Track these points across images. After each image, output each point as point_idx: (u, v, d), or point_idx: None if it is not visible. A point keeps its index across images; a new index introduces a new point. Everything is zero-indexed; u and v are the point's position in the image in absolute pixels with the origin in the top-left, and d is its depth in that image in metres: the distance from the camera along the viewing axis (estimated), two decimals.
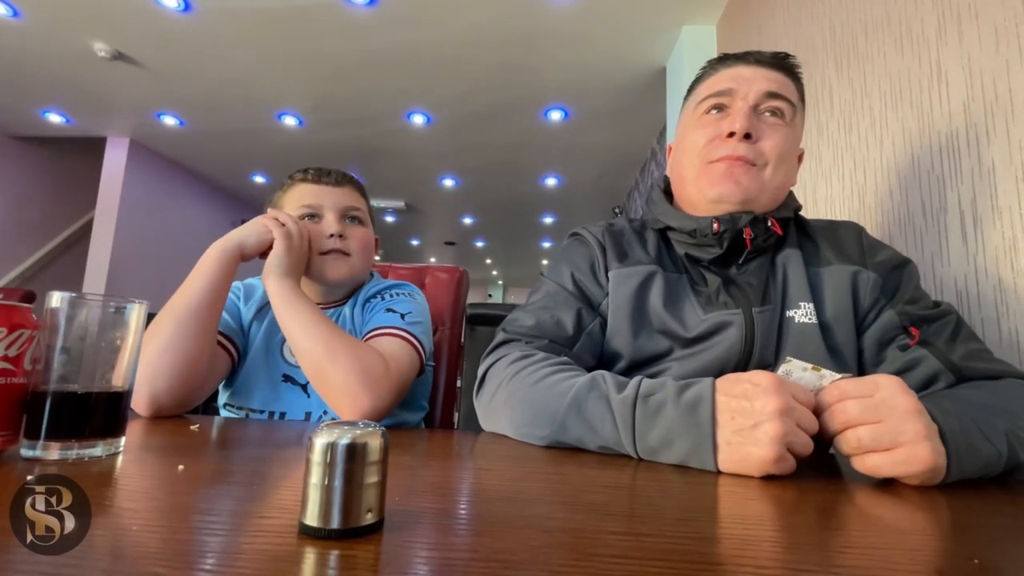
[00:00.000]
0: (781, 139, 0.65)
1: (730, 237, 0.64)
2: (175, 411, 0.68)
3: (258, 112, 3.51)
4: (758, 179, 0.65)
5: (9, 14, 2.51)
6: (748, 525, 0.31)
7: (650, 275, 0.67)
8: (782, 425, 0.42)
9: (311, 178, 0.85)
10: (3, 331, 0.38)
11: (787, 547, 0.28)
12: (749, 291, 0.65)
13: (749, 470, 0.43)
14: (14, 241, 4.07)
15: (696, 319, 0.64)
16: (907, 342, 0.60)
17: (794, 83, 0.70)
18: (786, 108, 0.67)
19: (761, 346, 0.62)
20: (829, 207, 1.33)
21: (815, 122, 1.43)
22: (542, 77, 2.91)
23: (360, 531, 0.26)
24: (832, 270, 0.66)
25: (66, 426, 0.40)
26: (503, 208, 5.56)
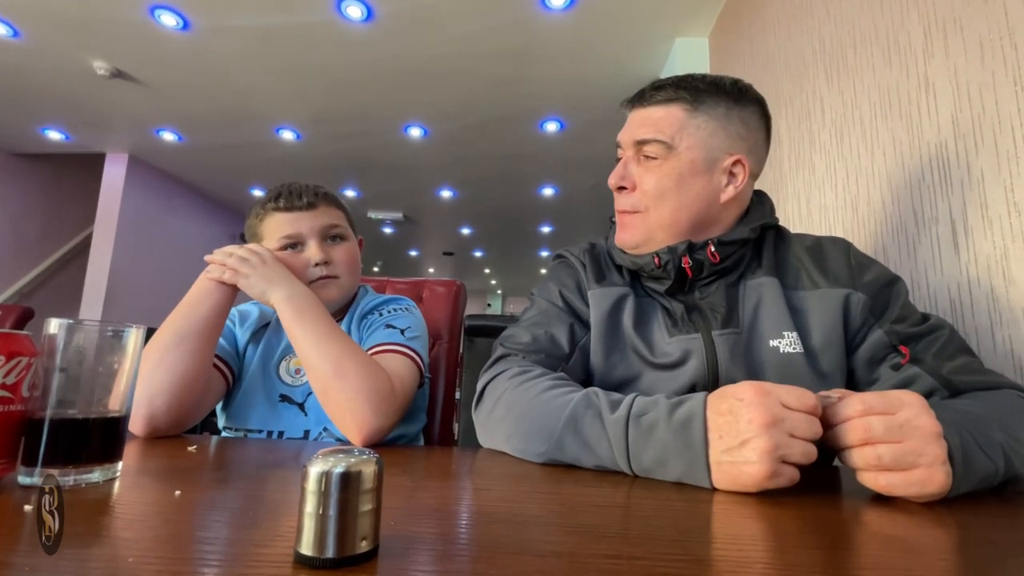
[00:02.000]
0: (655, 181, 0.66)
1: (675, 267, 0.65)
2: (171, 431, 0.68)
3: (256, 127, 3.54)
4: (643, 224, 0.68)
5: (9, 34, 2.53)
6: (742, 546, 0.31)
7: (623, 296, 0.70)
8: (770, 439, 0.41)
9: (283, 206, 0.81)
10: (1, 359, 0.38)
11: (780, 568, 0.28)
12: (710, 315, 0.65)
13: (745, 487, 0.43)
14: (12, 257, 4.07)
15: (663, 342, 0.66)
16: (899, 361, 0.60)
17: (677, 105, 0.66)
18: (657, 150, 0.65)
19: (726, 370, 0.62)
20: (824, 216, 1.34)
21: (807, 132, 1.45)
22: (538, 89, 2.94)
23: (355, 559, 0.26)
24: (821, 294, 0.65)
25: (63, 452, 0.40)
26: (501, 218, 5.59)
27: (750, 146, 0.67)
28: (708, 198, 0.66)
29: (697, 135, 0.65)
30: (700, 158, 0.65)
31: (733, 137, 0.66)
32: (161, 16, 2.38)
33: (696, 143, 0.65)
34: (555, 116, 3.26)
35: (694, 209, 0.66)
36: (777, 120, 1.63)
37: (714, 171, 0.66)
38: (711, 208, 0.66)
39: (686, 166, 0.65)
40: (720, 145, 0.65)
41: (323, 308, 0.73)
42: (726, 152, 0.66)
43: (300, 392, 0.81)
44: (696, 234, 0.67)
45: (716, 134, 0.65)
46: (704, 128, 0.65)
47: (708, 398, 0.47)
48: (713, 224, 0.68)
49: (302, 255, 0.81)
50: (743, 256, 0.68)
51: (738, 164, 0.66)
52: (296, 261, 0.80)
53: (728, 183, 0.66)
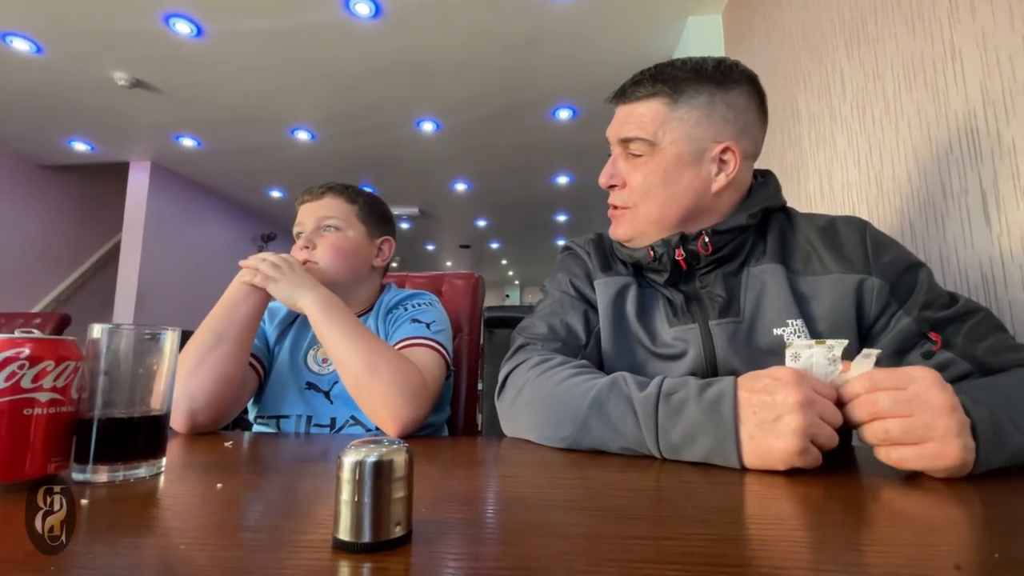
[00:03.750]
0: (642, 178, 0.66)
1: (670, 259, 0.65)
2: (210, 427, 0.71)
3: (271, 129, 3.59)
4: (633, 219, 0.68)
5: (33, 50, 2.61)
6: (767, 525, 0.32)
7: (626, 286, 0.70)
8: (804, 417, 0.42)
9: (299, 199, 0.92)
10: (51, 364, 0.40)
11: (805, 546, 0.28)
12: (709, 304, 0.65)
13: (773, 463, 0.43)
14: (47, 267, 4.23)
15: (664, 332, 0.66)
16: (931, 348, 0.58)
17: (657, 99, 0.64)
18: (641, 148, 0.65)
19: (723, 359, 0.62)
20: (847, 193, 1.31)
21: (828, 107, 1.41)
22: (548, 77, 2.92)
23: (390, 544, 0.27)
24: (832, 280, 0.62)
25: (112, 450, 0.42)
26: (516, 209, 5.58)
27: (740, 129, 0.64)
28: (698, 190, 0.64)
29: (680, 128, 0.63)
30: (685, 151, 0.63)
31: (719, 124, 0.63)
32: (176, 24, 2.42)
33: (679, 136, 0.63)
34: (567, 103, 3.23)
35: (684, 203, 0.65)
36: (796, 96, 1.58)
37: (702, 162, 0.64)
38: (702, 199, 0.65)
39: (671, 161, 0.64)
40: (705, 135, 0.63)
41: (348, 309, 0.75)
42: (712, 141, 0.64)
43: (326, 381, 0.84)
44: (689, 225, 0.66)
45: (700, 124, 0.63)
46: (687, 120, 0.63)
47: (739, 379, 0.48)
48: (707, 213, 0.66)
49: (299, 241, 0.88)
50: (743, 243, 0.66)
51: (727, 151, 0.64)
52: (296, 248, 0.87)
53: (719, 172, 0.64)
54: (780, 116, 1.69)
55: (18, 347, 0.39)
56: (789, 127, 1.65)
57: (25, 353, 0.39)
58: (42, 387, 0.40)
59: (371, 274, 0.94)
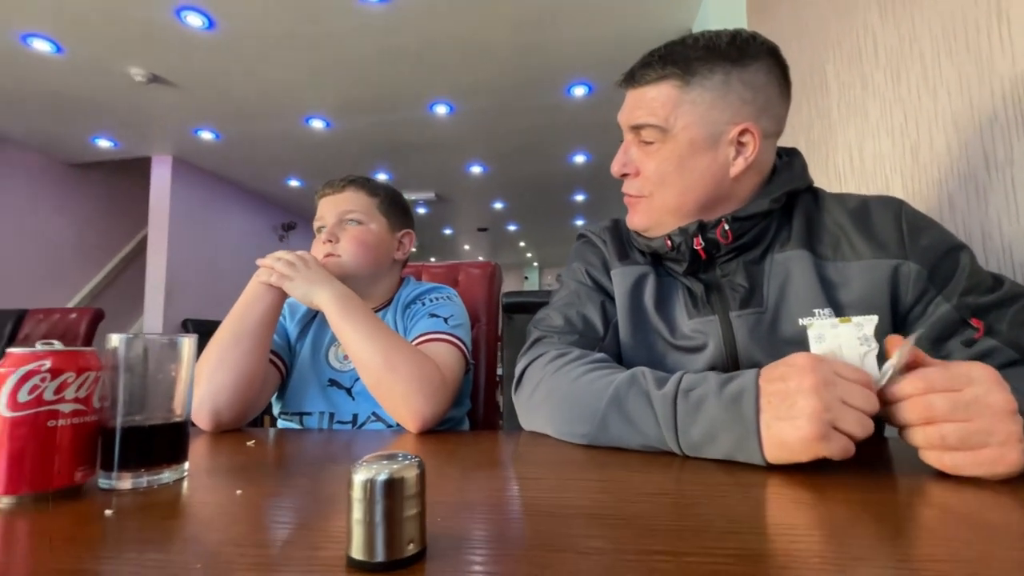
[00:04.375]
0: (655, 165, 0.62)
1: (688, 248, 0.62)
2: (234, 425, 0.72)
3: (287, 118, 3.60)
4: (649, 208, 0.65)
5: (53, 50, 2.65)
6: (797, 536, 0.30)
7: (644, 275, 0.67)
8: (818, 400, 0.40)
9: (320, 193, 0.91)
10: (72, 375, 0.41)
11: (840, 564, 0.27)
12: (729, 294, 0.62)
13: (794, 454, 0.41)
14: (80, 262, 4.37)
15: (683, 324, 0.63)
16: (972, 336, 0.54)
17: (668, 82, 0.60)
18: (653, 134, 0.61)
19: (745, 352, 0.59)
20: (879, 166, 1.24)
21: (859, 74, 1.33)
22: (562, 53, 2.84)
23: (403, 562, 0.27)
24: (865, 265, 0.59)
25: (135, 457, 0.43)
26: (533, 190, 5.52)
27: (759, 108, 0.60)
28: (716, 175, 0.61)
29: (693, 112, 0.59)
30: (700, 136, 0.60)
31: (735, 105, 0.59)
32: (187, 17, 2.43)
33: (693, 120, 0.59)
34: (582, 80, 3.15)
35: (701, 190, 0.61)
36: (824, 64, 1.50)
37: (719, 146, 0.60)
38: (721, 185, 0.61)
39: (685, 147, 0.60)
40: (721, 117, 0.59)
41: (365, 305, 0.75)
42: (729, 123, 0.59)
43: (348, 377, 0.84)
44: (708, 212, 0.63)
45: (715, 106, 0.59)
46: (700, 103, 0.59)
47: (761, 371, 0.46)
48: (727, 199, 0.63)
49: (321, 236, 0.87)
50: (766, 229, 0.62)
51: (746, 133, 0.59)
52: (317, 241, 0.87)
53: (737, 155, 0.60)
54: (806, 86, 1.61)
55: (39, 360, 0.40)
56: (816, 98, 1.57)
57: (46, 366, 0.40)
58: (64, 398, 0.40)
59: (392, 267, 0.94)
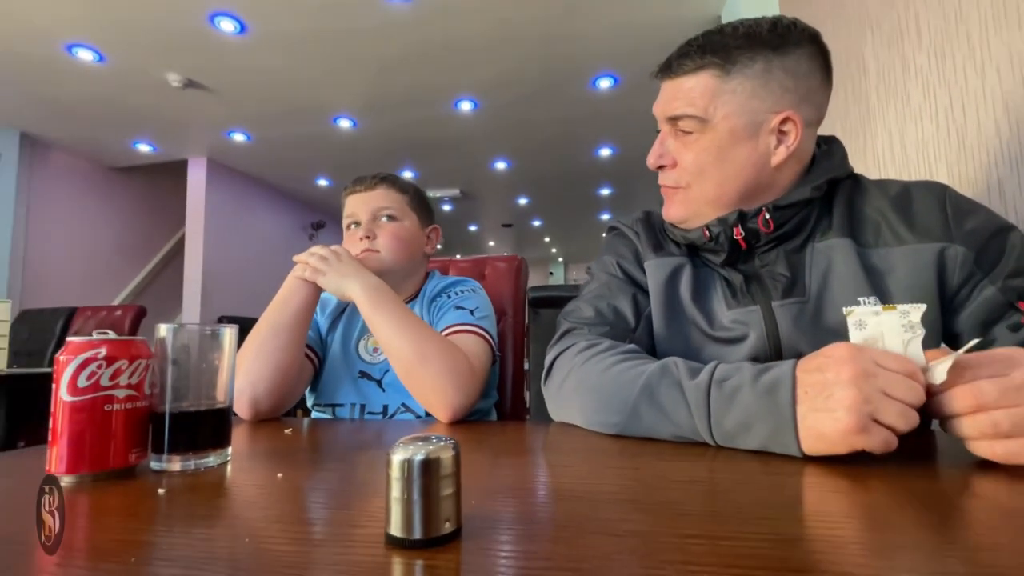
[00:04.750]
0: (694, 156, 0.62)
1: (727, 239, 0.61)
2: (272, 414, 0.75)
3: (315, 119, 3.68)
4: (687, 200, 0.64)
5: (96, 59, 2.78)
6: (832, 523, 0.30)
7: (680, 266, 0.67)
8: (857, 391, 0.39)
9: (349, 190, 0.92)
10: (125, 362, 0.43)
11: (879, 550, 0.26)
12: (770, 284, 0.61)
13: (832, 445, 0.40)
14: (123, 262, 4.58)
15: (722, 315, 0.62)
16: (1019, 320, 0.53)
17: (707, 72, 0.59)
18: (691, 125, 0.60)
19: (789, 342, 0.58)
20: (922, 152, 1.19)
21: (900, 56, 1.28)
22: (587, 45, 2.81)
23: (440, 540, 0.27)
24: (908, 251, 0.57)
25: (183, 441, 0.45)
26: (558, 185, 5.49)
27: (801, 96, 0.59)
28: (757, 165, 0.60)
29: (733, 101, 0.58)
30: (740, 125, 0.59)
31: (777, 93, 0.58)
32: (220, 23, 2.50)
33: (733, 110, 0.58)
34: (608, 71, 3.11)
35: (741, 180, 0.60)
36: (862, 48, 1.45)
37: (759, 135, 0.59)
38: (761, 174, 0.60)
39: (725, 137, 0.59)
40: (762, 106, 0.58)
41: (396, 296, 0.76)
42: (771, 112, 0.58)
43: (378, 369, 0.86)
44: (748, 202, 0.62)
45: (756, 94, 0.58)
46: (740, 92, 0.58)
47: (798, 361, 0.45)
48: (768, 189, 0.62)
49: (356, 232, 0.88)
50: (807, 217, 0.61)
51: (787, 121, 0.58)
52: (351, 237, 0.88)
53: (778, 144, 0.59)
54: (843, 71, 1.56)
55: (96, 348, 0.42)
56: (854, 82, 1.51)
57: (102, 353, 0.42)
58: (119, 384, 0.43)
59: (421, 262, 0.96)
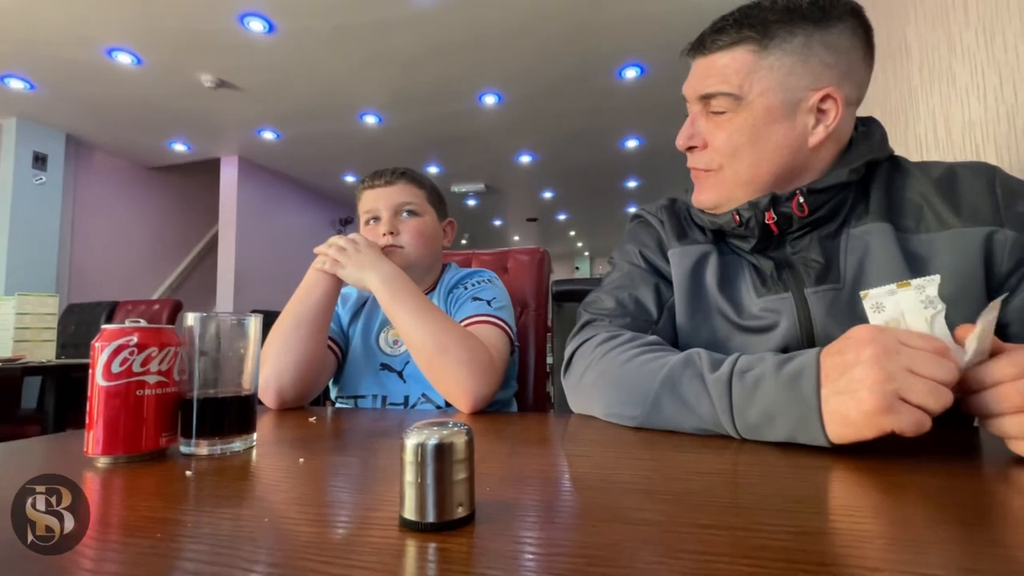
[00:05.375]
0: (726, 138, 0.59)
1: (758, 224, 0.59)
2: (297, 403, 0.76)
3: (342, 116, 3.73)
4: (719, 183, 0.61)
5: (134, 62, 2.88)
6: (859, 518, 0.29)
7: (705, 254, 0.65)
8: (879, 369, 0.37)
9: (367, 184, 0.91)
10: (155, 349, 0.45)
11: (908, 545, 0.25)
12: (803, 271, 0.58)
13: (858, 429, 0.38)
14: (161, 258, 4.76)
15: (751, 303, 0.60)
16: None
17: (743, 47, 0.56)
18: (725, 103, 0.58)
19: (822, 330, 0.56)
20: (968, 135, 1.13)
21: (945, 34, 1.22)
22: (613, 34, 2.77)
23: (453, 524, 0.27)
24: (953, 235, 0.54)
25: (210, 426, 0.46)
26: (583, 178, 5.44)
27: (842, 72, 0.56)
28: (793, 145, 0.57)
29: (771, 77, 0.56)
30: (777, 103, 0.56)
31: (817, 69, 0.55)
32: (250, 23, 2.56)
33: (770, 87, 0.56)
34: (634, 61, 3.06)
35: (777, 161, 0.58)
36: (903, 27, 1.38)
37: (797, 113, 0.56)
38: (798, 156, 0.58)
39: (761, 116, 0.56)
40: (801, 83, 0.55)
41: (415, 286, 0.77)
42: (810, 88, 0.55)
43: (399, 361, 0.87)
44: (782, 185, 0.59)
45: (795, 71, 0.55)
46: (778, 68, 0.55)
47: (823, 349, 0.43)
48: (804, 171, 0.59)
49: (377, 227, 0.88)
50: (843, 201, 0.59)
51: (827, 99, 0.56)
52: (372, 233, 0.88)
53: (817, 123, 0.56)
54: (884, 52, 1.49)
55: (128, 335, 0.44)
56: (895, 63, 1.44)
57: (134, 340, 0.44)
58: (150, 370, 0.44)
59: (440, 255, 0.96)
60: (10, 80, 3.04)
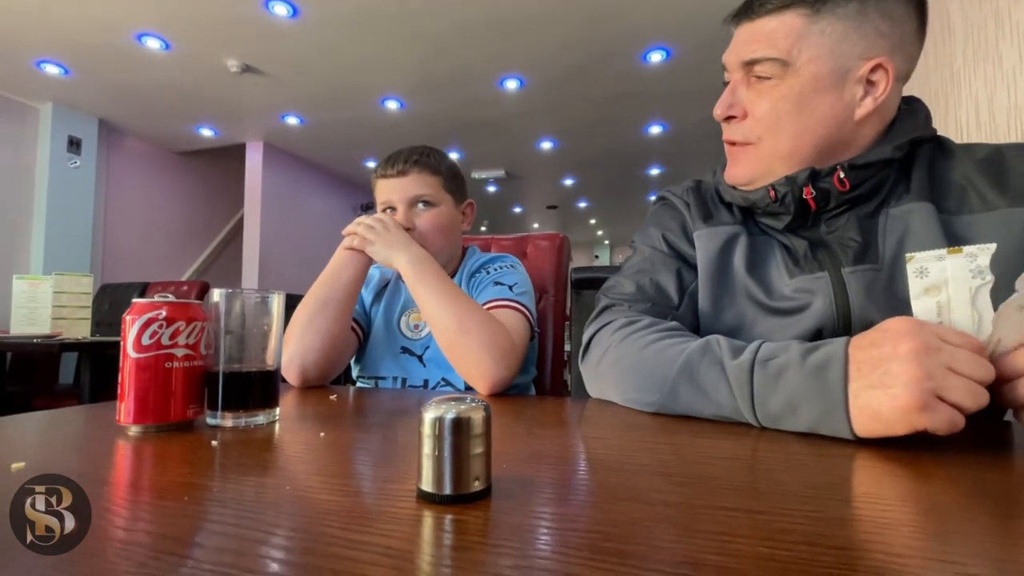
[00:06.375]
0: (769, 106, 0.56)
1: (795, 199, 0.56)
2: (319, 381, 0.78)
3: (364, 101, 3.74)
4: (756, 157, 0.59)
5: (162, 47, 2.93)
6: (885, 505, 0.28)
7: (734, 236, 0.63)
8: (918, 366, 0.36)
9: (380, 173, 0.89)
10: (183, 323, 0.46)
11: (936, 535, 0.24)
12: (840, 250, 0.56)
13: (889, 426, 0.37)
14: (188, 241, 4.88)
15: (782, 284, 0.58)
16: None
17: (793, 11, 0.54)
18: (770, 69, 0.55)
19: (860, 311, 0.53)
20: (1014, 118, 1.08)
21: (992, 11, 1.15)
22: (638, 16, 2.70)
23: (469, 497, 0.28)
24: (998, 216, 0.52)
25: (235, 399, 0.48)
26: (605, 165, 5.37)
27: (895, 43, 0.54)
28: (839, 117, 0.55)
29: (821, 44, 0.53)
30: (826, 71, 0.54)
31: (870, 37, 0.53)
32: (274, 7, 2.58)
33: (820, 53, 0.54)
34: (660, 44, 2.98)
35: (820, 133, 0.56)
36: (947, 4, 1.31)
37: (846, 83, 0.54)
38: (843, 128, 0.56)
39: (808, 83, 0.54)
40: (852, 51, 0.53)
41: (441, 269, 0.77)
42: (861, 57, 0.53)
43: (419, 345, 0.88)
44: (823, 160, 0.57)
45: (847, 38, 0.53)
46: (830, 34, 0.53)
47: (850, 339, 0.42)
48: (846, 147, 0.57)
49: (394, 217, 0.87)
50: (884, 180, 0.56)
51: (878, 69, 0.53)
52: None
53: (865, 95, 0.54)
54: None
55: (157, 309, 0.45)
56: (937, 46, 1.38)
57: (163, 315, 0.45)
58: (178, 344, 0.46)
59: (459, 240, 0.96)
60: (46, 65, 3.13)
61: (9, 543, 0.23)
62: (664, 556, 0.22)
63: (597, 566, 0.21)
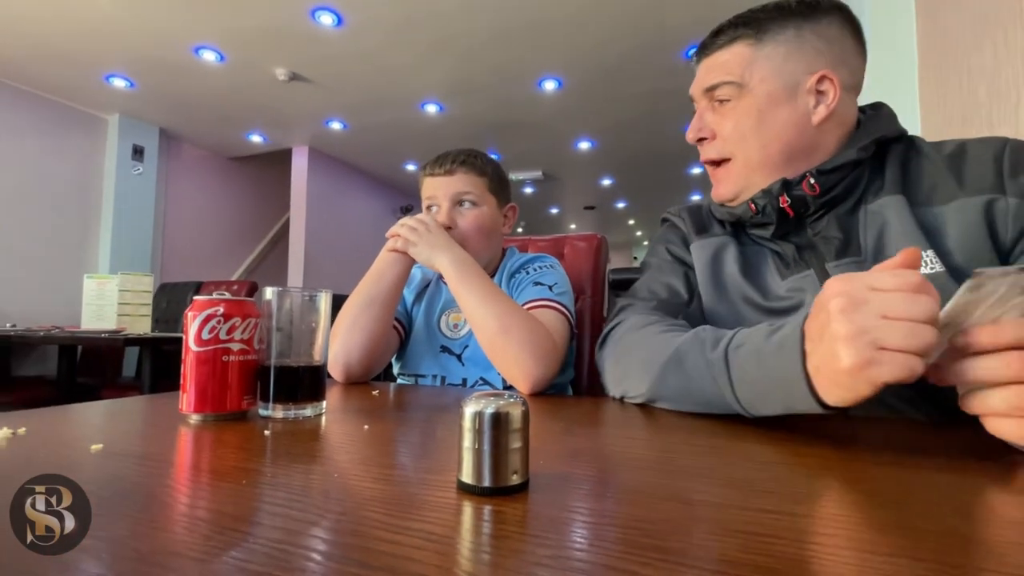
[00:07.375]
0: (733, 124, 0.63)
1: (774, 209, 0.61)
2: (363, 378, 0.81)
3: (404, 105, 3.83)
4: (734, 172, 0.64)
5: (217, 59, 3.09)
6: (941, 519, 0.27)
7: (723, 245, 0.68)
8: (849, 323, 0.35)
9: (428, 172, 0.91)
10: (238, 320, 0.49)
11: (989, 545, 0.23)
12: (824, 248, 0.60)
13: (850, 389, 0.36)
14: (237, 243, 5.11)
15: (776, 285, 0.61)
16: None
17: (740, 43, 0.61)
18: (728, 91, 0.62)
19: None
20: None
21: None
22: (678, 10, 2.65)
23: (508, 490, 0.28)
24: (957, 206, 0.54)
25: (285, 392, 0.50)
26: (644, 164, 5.28)
27: (835, 57, 0.60)
28: (799, 124, 0.60)
29: (769, 65, 0.60)
30: (778, 87, 0.60)
31: (810, 54, 0.60)
32: (320, 17, 2.67)
33: (769, 74, 0.60)
34: (698, 40, 2.91)
35: (784, 140, 0.61)
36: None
37: (798, 95, 0.60)
38: (804, 134, 0.61)
39: (763, 100, 0.61)
40: (797, 67, 0.60)
41: (482, 270, 0.78)
42: (807, 72, 0.60)
43: (458, 344, 0.90)
44: (794, 166, 0.61)
45: (790, 57, 0.60)
46: (775, 56, 0.60)
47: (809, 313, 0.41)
48: (813, 151, 0.61)
49: (436, 215, 0.88)
50: (858, 179, 0.60)
51: (824, 80, 0.60)
52: None
53: (818, 103, 0.60)
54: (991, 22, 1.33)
55: (215, 306, 0.48)
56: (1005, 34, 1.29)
57: (220, 311, 0.48)
58: (234, 339, 0.49)
59: (499, 242, 0.97)
60: (113, 79, 3.35)
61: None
62: (703, 554, 0.22)
63: (635, 560, 0.21)
